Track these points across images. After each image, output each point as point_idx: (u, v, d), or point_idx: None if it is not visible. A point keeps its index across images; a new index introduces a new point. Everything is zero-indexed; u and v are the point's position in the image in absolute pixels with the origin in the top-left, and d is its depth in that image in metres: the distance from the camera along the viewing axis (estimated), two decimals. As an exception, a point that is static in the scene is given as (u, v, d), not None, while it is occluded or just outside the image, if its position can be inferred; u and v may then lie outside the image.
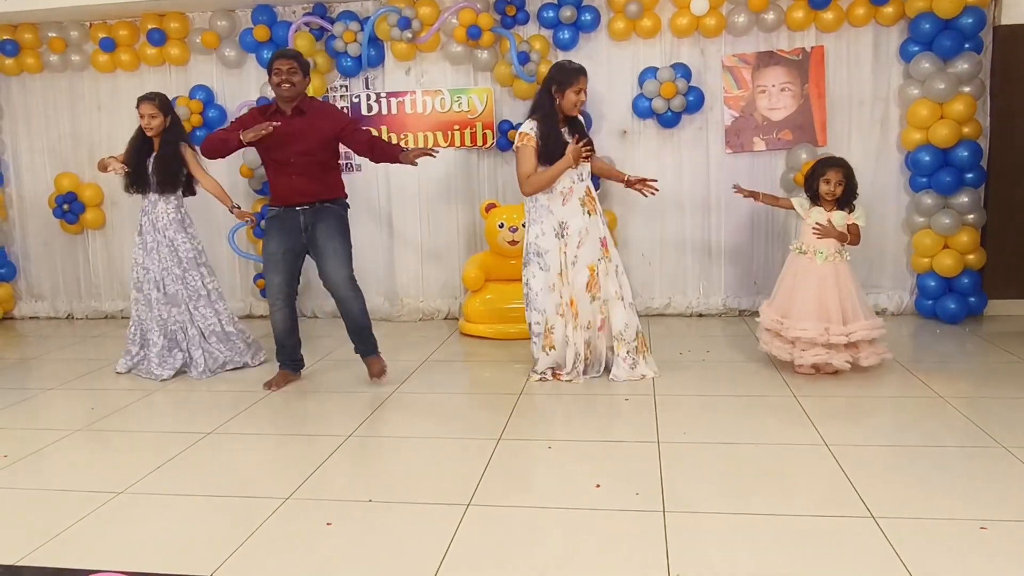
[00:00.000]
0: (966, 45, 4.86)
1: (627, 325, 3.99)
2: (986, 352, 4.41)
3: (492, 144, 5.54)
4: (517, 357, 4.45)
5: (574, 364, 3.96)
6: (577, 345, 3.95)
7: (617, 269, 4.03)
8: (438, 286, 5.84)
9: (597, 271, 3.93)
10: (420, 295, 5.86)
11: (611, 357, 4.03)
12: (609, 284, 3.98)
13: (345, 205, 4.13)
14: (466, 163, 5.67)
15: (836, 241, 3.90)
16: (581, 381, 3.95)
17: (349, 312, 4.02)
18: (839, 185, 3.89)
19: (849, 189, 3.92)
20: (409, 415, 3.67)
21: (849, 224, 3.93)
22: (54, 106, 6.11)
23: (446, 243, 5.79)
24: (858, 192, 3.99)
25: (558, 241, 3.91)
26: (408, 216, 5.79)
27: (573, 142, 3.85)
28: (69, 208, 5.99)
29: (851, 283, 3.91)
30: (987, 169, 5.03)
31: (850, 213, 3.94)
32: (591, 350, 4.01)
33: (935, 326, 5.00)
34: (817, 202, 3.97)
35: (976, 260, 5.02)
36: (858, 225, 3.96)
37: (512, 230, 4.93)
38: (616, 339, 3.99)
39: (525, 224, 4.08)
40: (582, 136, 3.94)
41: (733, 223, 5.45)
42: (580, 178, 3.94)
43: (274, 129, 3.74)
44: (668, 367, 4.19)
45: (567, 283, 3.92)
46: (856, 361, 3.87)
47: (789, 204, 4.12)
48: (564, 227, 3.91)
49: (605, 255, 3.98)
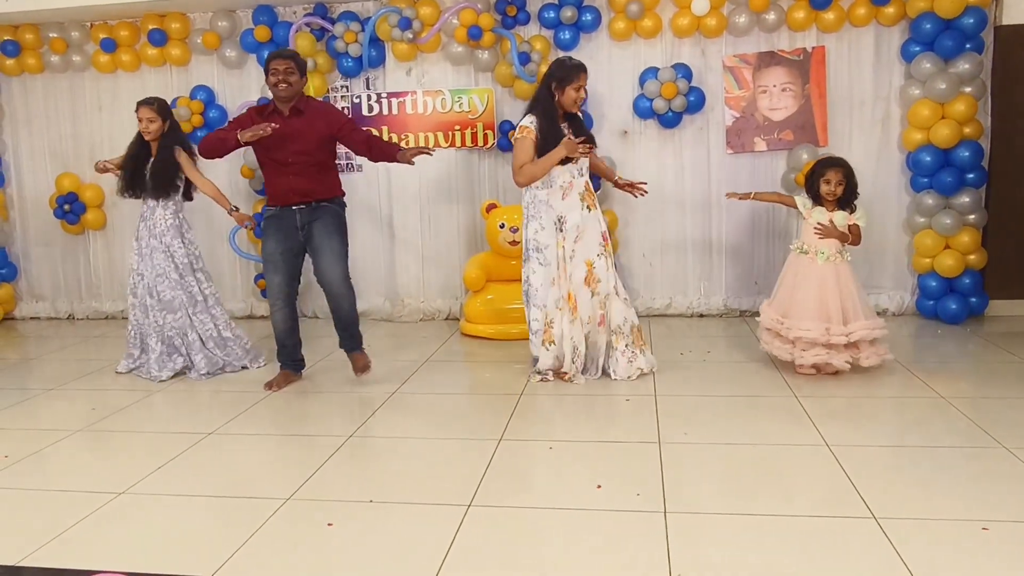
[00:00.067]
0: (967, 45, 4.86)
1: (625, 319, 4.02)
2: (987, 352, 4.41)
3: (493, 144, 5.54)
4: (518, 358, 4.45)
5: (572, 359, 3.96)
6: (575, 339, 3.95)
7: (615, 265, 4.06)
8: (439, 286, 5.84)
9: (595, 266, 3.94)
10: (421, 295, 5.86)
11: (610, 352, 4.03)
12: (609, 279, 4.00)
13: (343, 204, 4.13)
14: (467, 163, 5.67)
15: (837, 241, 3.90)
16: (582, 381, 3.95)
17: (340, 309, 4.07)
18: (839, 185, 3.89)
19: (849, 189, 3.92)
20: (410, 416, 3.67)
21: (850, 224, 3.94)
22: (55, 107, 6.11)
23: (447, 243, 5.79)
24: (859, 192, 3.99)
25: (557, 235, 3.92)
26: (409, 216, 5.79)
27: (569, 137, 3.85)
28: (70, 208, 5.99)
29: (852, 283, 3.91)
30: (988, 169, 5.03)
31: (851, 214, 3.94)
32: (590, 345, 4.02)
33: (936, 326, 5.00)
34: (818, 202, 3.97)
35: (977, 260, 5.01)
36: (859, 225, 3.96)
37: (513, 230, 4.93)
38: (615, 333, 4.01)
39: (523, 220, 4.09)
40: (581, 132, 3.95)
41: (734, 223, 5.45)
42: (580, 173, 3.95)
43: (272, 130, 3.73)
44: (669, 367, 4.19)
45: (566, 277, 3.93)
46: (857, 361, 3.87)
47: (791, 201, 4.11)
48: (562, 221, 3.91)
49: (606, 250, 3.99)
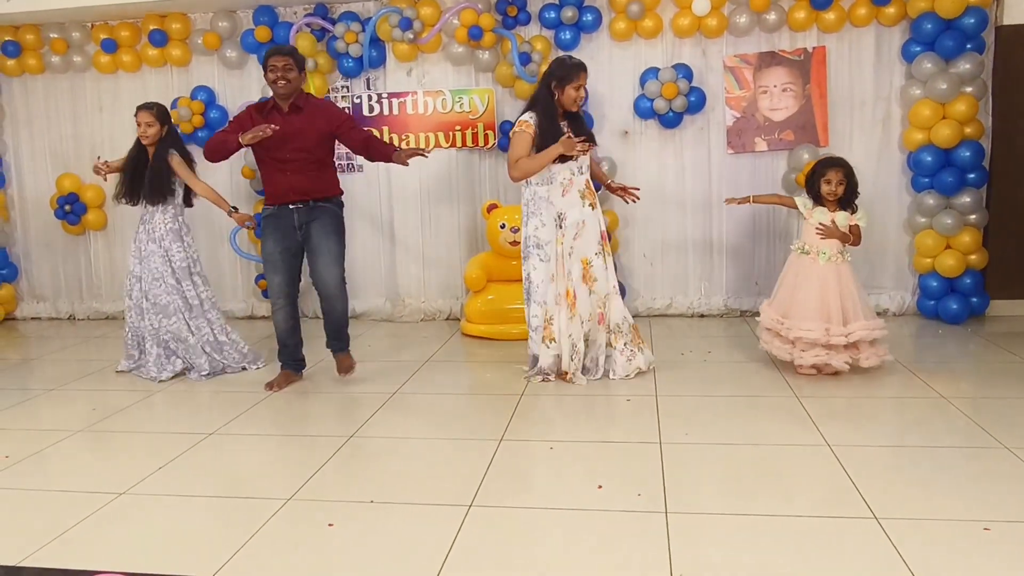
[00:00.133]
0: (968, 45, 4.85)
1: (624, 318, 4.04)
2: (988, 352, 4.41)
3: (494, 145, 5.54)
4: (519, 358, 4.44)
5: (571, 356, 3.96)
6: (574, 336, 3.95)
7: (613, 263, 4.08)
8: (439, 287, 5.84)
9: (591, 264, 3.95)
10: (421, 295, 5.86)
11: (609, 352, 4.04)
12: (609, 278, 4.00)
13: (340, 204, 4.13)
14: (467, 164, 5.67)
15: (839, 241, 3.90)
16: (584, 382, 3.95)
17: (333, 311, 4.09)
18: (840, 185, 3.88)
19: (850, 189, 3.91)
20: (411, 416, 3.67)
21: (851, 225, 3.93)
22: (56, 107, 6.11)
23: (447, 244, 5.79)
24: (859, 192, 3.99)
25: (557, 232, 3.92)
26: (409, 217, 5.79)
27: (568, 135, 3.84)
28: (71, 209, 6.00)
29: (852, 283, 3.91)
30: (989, 169, 5.03)
31: (852, 214, 3.94)
32: (591, 344, 4.02)
33: (937, 326, 5.00)
34: (819, 202, 3.97)
35: (978, 260, 5.01)
36: (859, 226, 3.96)
37: (514, 231, 4.93)
38: (613, 332, 4.02)
39: (520, 219, 4.08)
40: (581, 131, 3.95)
41: (734, 223, 5.45)
42: (580, 171, 3.94)
43: (272, 131, 3.74)
44: (670, 367, 4.19)
45: (565, 274, 3.93)
46: (856, 362, 3.86)
47: (791, 202, 4.10)
48: (563, 217, 3.91)
49: (604, 249, 4.00)
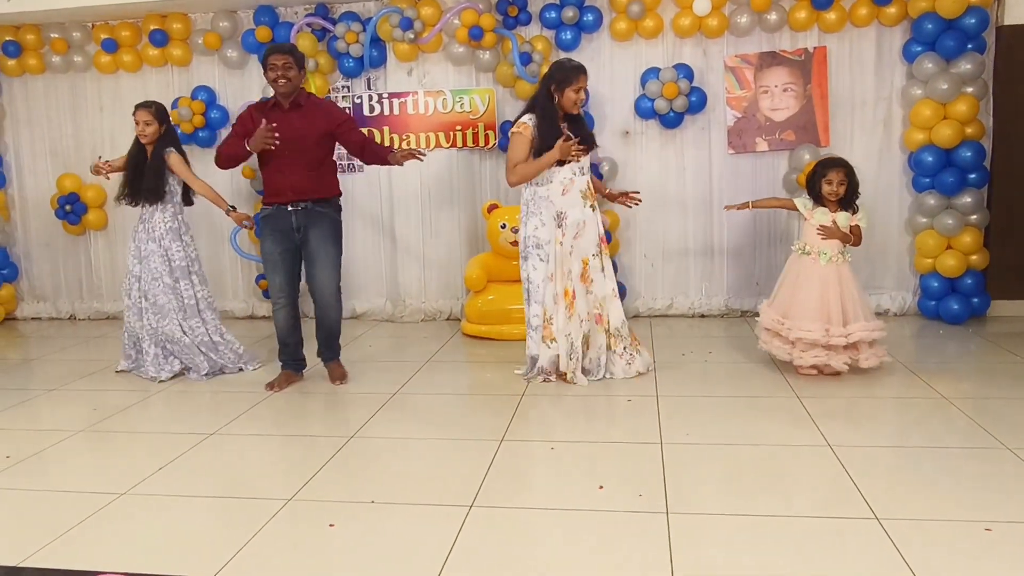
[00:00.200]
0: (969, 45, 4.85)
1: (624, 322, 4.05)
2: (989, 353, 4.41)
3: (494, 145, 5.54)
4: (519, 358, 4.43)
5: (569, 356, 3.96)
6: (572, 336, 3.95)
7: (612, 266, 4.09)
8: (440, 287, 5.84)
9: (590, 264, 3.95)
10: (422, 296, 5.86)
11: (609, 355, 4.04)
12: (607, 281, 4.01)
13: (339, 207, 4.12)
14: (468, 164, 5.67)
15: (839, 242, 3.90)
16: (585, 382, 3.95)
17: (327, 319, 4.11)
18: (841, 185, 3.88)
19: (851, 189, 3.91)
20: (411, 416, 3.67)
21: (852, 225, 3.93)
22: (56, 107, 6.11)
23: (448, 244, 5.78)
24: (860, 192, 3.98)
25: (556, 231, 3.92)
26: (410, 217, 5.79)
27: (564, 139, 3.84)
28: (71, 209, 5.99)
29: (852, 284, 3.90)
30: (990, 169, 5.03)
31: (853, 214, 3.94)
32: (592, 345, 4.02)
33: (938, 327, 4.99)
34: (819, 203, 3.96)
35: (979, 261, 5.01)
36: (860, 226, 3.95)
37: (514, 231, 4.92)
38: (613, 336, 4.03)
39: (519, 220, 4.08)
40: (582, 133, 3.94)
41: (735, 224, 5.44)
42: (581, 172, 3.94)
43: (274, 127, 3.79)
44: (670, 368, 4.19)
45: (564, 273, 3.93)
46: (855, 363, 3.86)
47: (791, 204, 4.10)
48: (563, 217, 3.91)
49: (603, 251, 4.00)
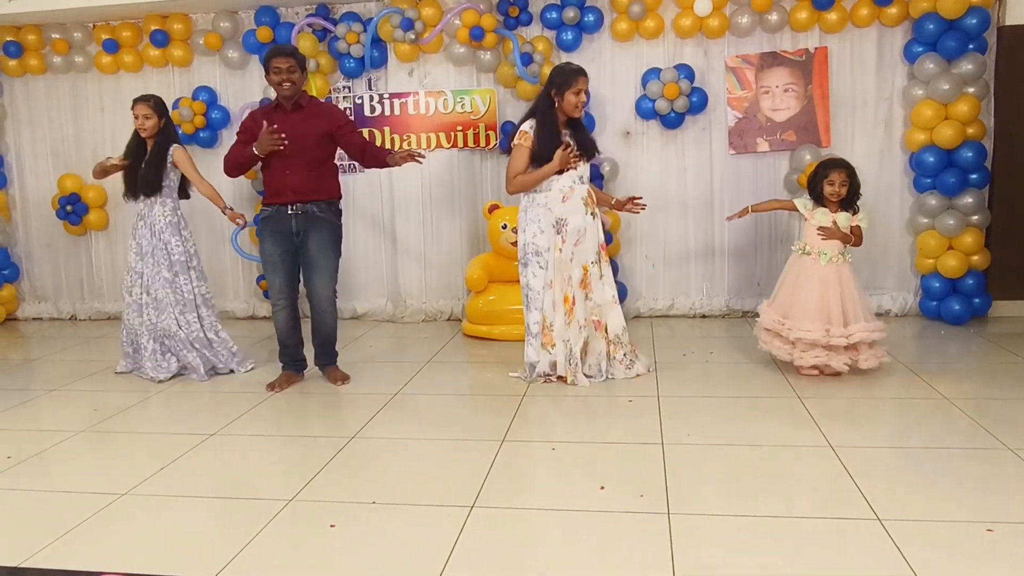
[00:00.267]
0: (970, 46, 4.85)
1: (624, 328, 4.05)
2: (991, 353, 4.40)
3: (495, 145, 5.54)
4: (520, 359, 4.43)
5: (567, 360, 3.95)
6: (571, 342, 3.95)
7: (612, 274, 4.09)
8: (441, 287, 5.84)
9: (590, 272, 3.95)
10: (423, 296, 5.86)
11: (610, 362, 4.04)
12: (606, 289, 4.01)
13: (339, 211, 4.12)
14: (469, 164, 5.66)
15: (840, 242, 3.89)
16: (586, 383, 3.94)
17: (323, 325, 4.13)
18: (843, 186, 3.88)
19: (852, 189, 3.91)
20: (412, 416, 3.66)
21: (853, 226, 3.93)
22: (57, 107, 6.12)
23: (449, 244, 5.78)
24: (861, 192, 3.98)
25: (555, 238, 3.91)
26: (411, 217, 5.79)
27: (563, 147, 3.82)
28: (72, 209, 6.00)
29: (853, 284, 3.90)
30: (991, 170, 5.02)
31: (854, 215, 3.93)
32: (591, 351, 4.01)
33: (939, 327, 4.99)
34: (820, 203, 3.96)
35: (981, 261, 5.01)
36: (861, 227, 3.95)
37: (515, 231, 4.92)
38: (613, 343, 4.03)
39: (518, 227, 4.07)
40: (584, 139, 3.94)
41: (736, 224, 5.39)
42: (581, 180, 3.94)
43: (276, 129, 3.82)
44: (671, 368, 4.19)
45: (564, 279, 3.93)
46: (855, 363, 3.86)
47: (791, 206, 4.10)
48: (563, 224, 3.90)
49: (603, 258, 4.00)
